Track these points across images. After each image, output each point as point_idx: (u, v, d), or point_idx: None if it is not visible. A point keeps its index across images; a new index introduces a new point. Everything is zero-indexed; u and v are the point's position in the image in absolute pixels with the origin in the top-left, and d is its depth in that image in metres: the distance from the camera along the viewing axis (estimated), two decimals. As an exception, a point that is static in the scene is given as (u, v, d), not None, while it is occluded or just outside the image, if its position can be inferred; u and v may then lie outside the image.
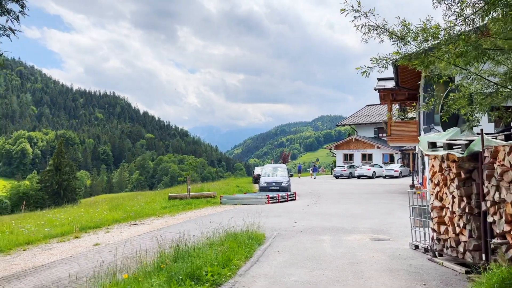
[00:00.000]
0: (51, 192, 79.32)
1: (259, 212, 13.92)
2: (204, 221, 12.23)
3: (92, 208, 16.25)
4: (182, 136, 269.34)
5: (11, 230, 11.63)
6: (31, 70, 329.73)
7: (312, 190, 26.20)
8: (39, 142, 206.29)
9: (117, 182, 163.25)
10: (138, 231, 11.76)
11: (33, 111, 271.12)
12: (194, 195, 19.69)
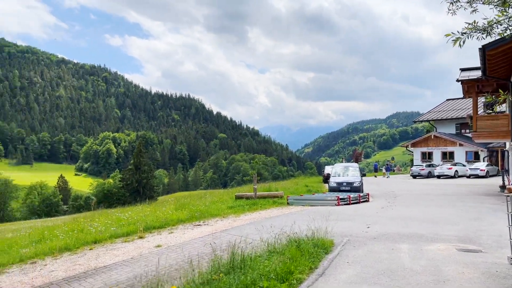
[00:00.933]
0: (132, 190, 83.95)
1: (327, 214, 12.96)
2: (266, 224, 11.58)
3: (159, 207, 16.40)
4: (253, 136, 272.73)
5: (81, 228, 11.91)
6: (114, 76, 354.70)
7: (387, 191, 24.46)
8: (122, 142, 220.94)
9: (193, 180, 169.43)
10: (201, 232, 11.43)
11: (117, 114, 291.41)
12: (261, 195, 19.16)
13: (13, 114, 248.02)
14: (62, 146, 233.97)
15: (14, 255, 9.48)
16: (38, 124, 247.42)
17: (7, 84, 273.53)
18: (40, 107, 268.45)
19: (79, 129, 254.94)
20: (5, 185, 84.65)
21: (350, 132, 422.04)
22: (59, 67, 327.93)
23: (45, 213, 79.06)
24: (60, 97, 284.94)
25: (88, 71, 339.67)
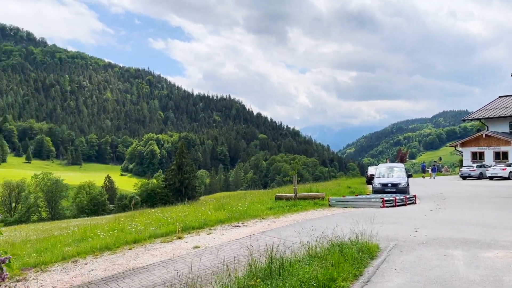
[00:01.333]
0: (174, 190, 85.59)
1: (372, 217, 12.33)
2: (307, 227, 11.15)
3: (199, 207, 16.35)
4: (293, 136, 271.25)
5: (122, 228, 12.00)
6: (158, 79, 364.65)
7: (435, 193, 23.24)
8: (165, 143, 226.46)
9: (233, 180, 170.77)
10: (239, 233, 11.18)
11: (160, 116, 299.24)
12: (301, 196, 18.70)
13: (64, 116, 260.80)
14: (109, 147, 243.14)
15: (57, 253, 9.63)
16: (87, 126, 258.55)
17: (59, 88, 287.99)
18: (88, 109, 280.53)
19: (125, 131, 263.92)
20: (56, 185, 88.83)
21: (394, 132, 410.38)
22: (106, 71, 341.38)
23: (93, 211, 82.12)
24: (107, 100, 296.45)
25: (133, 74, 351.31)
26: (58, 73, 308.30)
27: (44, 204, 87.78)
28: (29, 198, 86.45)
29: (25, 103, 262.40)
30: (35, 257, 9.38)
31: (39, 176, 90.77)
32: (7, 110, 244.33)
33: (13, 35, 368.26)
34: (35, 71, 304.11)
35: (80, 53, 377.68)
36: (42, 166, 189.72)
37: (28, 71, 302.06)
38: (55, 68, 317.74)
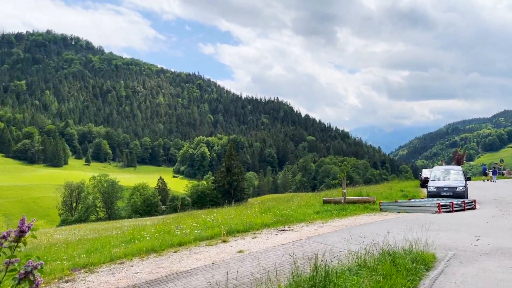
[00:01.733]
0: (223, 192, 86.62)
1: (427, 223, 11.55)
2: (356, 233, 10.61)
3: (245, 210, 16.18)
4: (343, 138, 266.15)
5: (168, 230, 12.08)
6: (208, 83, 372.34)
7: (497, 197, 21.60)
8: (215, 146, 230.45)
9: (282, 183, 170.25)
10: (284, 238, 10.86)
11: (210, 119, 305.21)
12: (350, 199, 18.03)
13: (120, 121, 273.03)
14: (162, 150, 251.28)
15: (105, 255, 9.80)
16: (141, 129, 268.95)
17: (115, 93, 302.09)
18: (142, 114, 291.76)
19: (176, 134, 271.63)
20: (112, 186, 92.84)
21: (450, 132, 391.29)
22: (159, 76, 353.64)
23: (146, 212, 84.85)
24: (159, 104, 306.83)
25: (184, 79, 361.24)
26: (114, 79, 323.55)
27: (101, 205, 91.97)
28: (88, 199, 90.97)
29: (85, 109, 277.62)
30: (84, 258, 9.61)
31: (97, 178, 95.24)
32: (69, 115, 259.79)
33: (74, 45, 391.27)
34: (94, 78, 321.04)
35: (134, 60, 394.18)
36: (100, 168, 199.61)
37: (87, 78, 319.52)
38: (111, 75, 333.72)
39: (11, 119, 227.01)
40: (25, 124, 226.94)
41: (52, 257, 10.38)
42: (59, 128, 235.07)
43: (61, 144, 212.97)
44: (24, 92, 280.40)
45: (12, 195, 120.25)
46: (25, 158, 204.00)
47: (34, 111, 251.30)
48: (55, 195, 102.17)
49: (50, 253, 11.36)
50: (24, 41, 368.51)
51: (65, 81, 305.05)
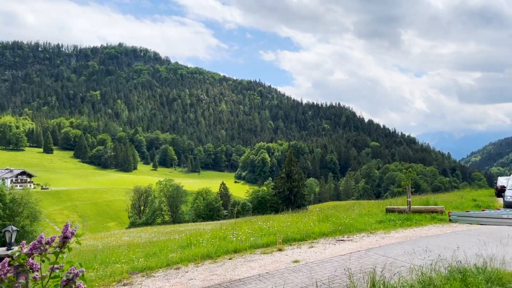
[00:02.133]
0: (283, 198, 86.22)
1: (504, 237, 10.46)
2: (421, 246, 9.83)
3: (302, 217, 15.77)
4: (409, 144, 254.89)
5: (224, 236, 12.05)
6: (268, 89, 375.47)
7: None
8: (275, 152, 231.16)
9: (344, 189, 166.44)
10: (343, 249, 10.35)
11: (271, 125, 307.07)
12: (416, 208, 16.94)
13: (185, 128, 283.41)
14: (224, 155, 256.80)
15: (162, 259, 9.95)
16: (204, 136, 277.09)
17: (180, 102, 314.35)
18: (205, 121, 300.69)
19: (238, 140, 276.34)
20: (177, 191, 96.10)
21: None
22: (221, 84, 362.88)
23: (208, 216, 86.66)
24: (222, 112, 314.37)
25: (245, 86, 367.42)
26: (180, 88, 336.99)
27: (166, 208, 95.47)
28: (154, 202, 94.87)
29: (152, 116, 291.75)
30: (142, 262, 9.82)
31: (163, 182, 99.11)
32: (138, 123, 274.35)
33: (143, 56, 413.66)
34: (161, 87, 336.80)
35: (198, 69, 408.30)
36: (166, 173, 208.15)
37: (155, 87, 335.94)
38: (177, 84, 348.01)
39: (87, 127, 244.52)
40: (99, 132, 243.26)
41: (114, 259, 10.74)
42: (129, 135, 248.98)
43: (130, 150, 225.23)
44: (99, 101, 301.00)
45: (87, 198, 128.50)
46: (98, 163, 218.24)
47: (107, 119, 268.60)
48: (125, 198, 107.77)
49: (113, 255, 11.78)
50: (99, 54, 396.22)
51: (135, 90, 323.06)
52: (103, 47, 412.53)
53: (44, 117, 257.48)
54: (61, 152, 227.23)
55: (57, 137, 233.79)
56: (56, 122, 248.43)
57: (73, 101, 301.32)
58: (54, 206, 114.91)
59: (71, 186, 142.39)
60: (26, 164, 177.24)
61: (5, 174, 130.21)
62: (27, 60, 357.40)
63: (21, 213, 46.43)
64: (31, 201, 47.97)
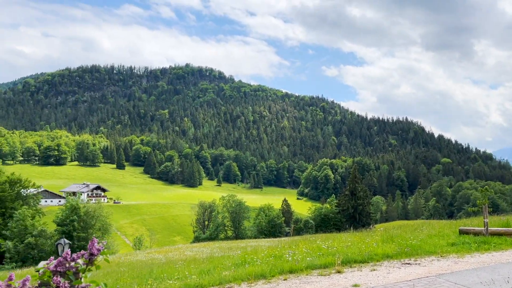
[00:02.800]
0: (347, 216, 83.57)
1: None
2: (501, 273, 8.65)
3: (364, 237, 14.78)
4: (484, 160, 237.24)
5: (280, 254, 11.56)
6: (331, 105, 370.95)
7: None
8: (339, 168, 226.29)
9: (413, 208, 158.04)
10: (409, 273, 9.42)
11: (334, 141, 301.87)
12: (495, 231, 15.24)
13: (248, 144, 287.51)
14: (286, 171, 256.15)
15: (215, 277, 9.69)
16: (267, 152, 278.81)
17: (243, 119, 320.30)
18: (268, 137, 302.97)
19: (300, 156, 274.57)
20: (239, 206, 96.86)
21: None
22: (283, 101, 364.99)
23: (270, 233, 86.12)
24: (284, 128, 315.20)
25: (307, 102, 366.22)
26: (243, 105, 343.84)
27: (229, 224, 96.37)
28: (218, 218, 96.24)
29: (217, 133, 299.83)
30: (195, 279, 9.63)
31: (225, 198, 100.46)
32: (203, 140, 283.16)
33: (208, 75, 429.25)
34: (225, 104, 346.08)
35: (261, 86, 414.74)
36: (229, 189, 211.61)
37: (219, 105, 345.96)
38: (240, 101, 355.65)
39: (156, 144, 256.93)
40: (167, 148, 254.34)
41: (169, 275, 10.67)
42: (195, 152, 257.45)
43: (196, 166, 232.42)
44: (167, 119, 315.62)
45: (155, 212, 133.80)
46: (166, 178, 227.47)
47: (175, 137, 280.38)
48: (190, 213, 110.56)
49: (169, 271, 11.75)
50: (167, 74, 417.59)
51: (201, 108, 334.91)
52: (171, 67, 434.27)
53: (118, 135, 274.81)
54: (132, 168, 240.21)
55: (129, 154, 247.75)
56: (128, 139, 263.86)
57: (143, 119, 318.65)
58: (125, 220, 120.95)
59: (140, 201, 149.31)
60: (101, 179, 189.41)
61: (82, 188, 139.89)
62: (103, 82, 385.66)
63: (93, 226, 49.18)
64: (102, 214, 50.66)
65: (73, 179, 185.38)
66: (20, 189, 60.23)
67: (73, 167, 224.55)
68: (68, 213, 47.32)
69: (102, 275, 14.71)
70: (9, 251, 45.20)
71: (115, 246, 52.17)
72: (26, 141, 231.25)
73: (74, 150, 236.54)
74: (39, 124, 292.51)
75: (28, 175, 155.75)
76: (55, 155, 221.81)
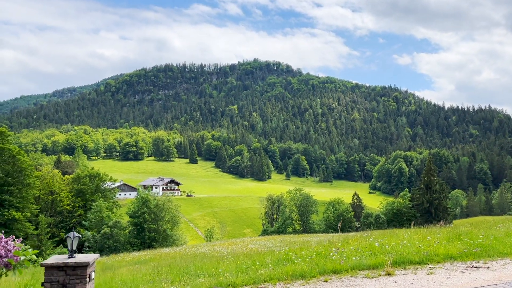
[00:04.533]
0: (422, 211, 79.01)
1: None
2: None
3: (427, 234, 13.13)
4: None
5: (325, 252, 10.55)
6: (405, 94, 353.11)
7: None
8: (414, 161, 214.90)
9: (497, 203, 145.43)
10: (473, 279, 8.00)
11: (408, 132, 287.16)
12: None
13: (316, 137, 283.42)
14: (357, 165, 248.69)
15: (251, 275, 9.01)
16: (336, 145, 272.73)
17: (311, 112, 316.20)
18: (337, 130, 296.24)
19: (372, 149, 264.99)
20: (306, 200, 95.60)
21: None
22: (353, 92, 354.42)
23: (340, 227, 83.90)
24: (354, 120, 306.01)
25: (379, 92, 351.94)
26: (311, 98, 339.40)
27: (297, 218, 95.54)
28: (285, 211, 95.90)
29: (285, 127, 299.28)
30: (228, 276, 9.01)
31: (292, 192, 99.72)
32: (271, 134, 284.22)
33: (276, 69, 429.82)
34: (293, 98, 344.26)
35: (329, 78, 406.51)
36: (298, 182, 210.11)
37: (287, 98, 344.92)
38: (308, 94, 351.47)
39: (226, 139, 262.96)
40: (236, 143, 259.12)
41: (205, 271, 10.19)
42: (264, 146, 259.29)
43: (265, 160, 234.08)
44: (236, 115, 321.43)
45: (226, 205, 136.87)
46: (236, 172, 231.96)
47: (244, 131, 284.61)
48: (259, 206, 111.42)
49: (207, 267, 11.29)
50: (236, 70, 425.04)
51: (269, 103, 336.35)
52: (240, 63, 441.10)
53: (190, 130, 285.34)
54: (204, 162, 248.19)
55: (201, 149, 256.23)
56: (200, 135, 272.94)
57: (214, 115, 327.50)
58: (197, 212, 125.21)
59: (211, 194, 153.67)
60: (175, 174, 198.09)
61: (158, 182, 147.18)
62: (176, 81, 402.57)
63: (163, 218, 51.07)
64: (171, 207, 52.41)
65: (150, 173, 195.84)
66: (99, 183, 64.42)
67: (150, 162, 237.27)
68: (139, 206, 49.64)
69: (150, 268, 14.73)
70: (88, 240, 48.44)
71: (183, 238, 53.85)
72: (108, 138, 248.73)
73: (150, 146, 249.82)
74: (119, 122, 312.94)
75: (109, 170, 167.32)
76: (133, 151, 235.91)
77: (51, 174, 61.53)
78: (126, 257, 33.35)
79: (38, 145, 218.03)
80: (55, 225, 56.69)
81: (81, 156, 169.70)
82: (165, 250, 38.84)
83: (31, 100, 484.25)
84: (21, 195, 47.42)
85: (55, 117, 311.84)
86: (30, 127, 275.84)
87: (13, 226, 45.62)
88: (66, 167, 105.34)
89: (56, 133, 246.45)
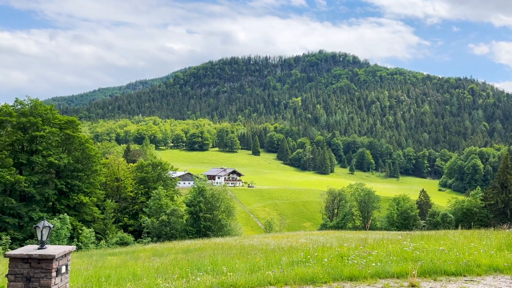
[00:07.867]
0: (496, 211, 73.30)
1: None
2: None
3: (476, 239, 11.45)
4: None
5: (347, 255, 9.52)
6: (482, 87, 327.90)
7: None
8: (490, 158, 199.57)
9: None
10: (513, 300, 6.66)
11: (485, 127, 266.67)
12: None
13: (383, 131, 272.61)
14: (426, 160, 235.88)
15: (258, 277, 8.31)
16: (404, 139, 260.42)
17: (378, 104, 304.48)
18: (406, 123, 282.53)
19: (443, 144, 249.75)
20: (368, 196, 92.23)
21: None
22: (424, 84, 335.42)
23: (403, 225, 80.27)
24: (425, 113, 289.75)
25: (452, 84, 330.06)
26: (378, 90, 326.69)
27: (358, 213, 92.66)
28: (345, 206, 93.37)
29: (350, 120, 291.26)
30: (232, 276, 8.38)
31: (353, 186, 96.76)
32: (335, 127, 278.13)
33: (342, 60, 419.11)
34: (359, 90, 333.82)
35: (398, 69, 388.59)
36: (362, 177, 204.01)
37: (352, 90, 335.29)
38: (375, 86, 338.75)
39: (288, 131, 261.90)
40: (299, 135, 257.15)
41: (219, 267, 9.64)
42: (327, 139, 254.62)
43: (327, 153, 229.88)
44: (300, 107, 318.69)
45: (286, 197, 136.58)
46: (298, 165, 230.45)
47: (307, 124, 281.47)
48: (319, 200, 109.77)
49: (223, 263, 10.75)
50: (300, 62, 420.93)
51: (333, 95, 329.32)
52: (305, 55, 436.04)
53: (253, 122, 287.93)
54: (266, 154, 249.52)
55: (263, 141, 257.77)
56: (263, 127, 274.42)
57: (277, 107, 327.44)
58: (257, 203, 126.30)
59: (272, 186, 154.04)
60: (237, 164, 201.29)
61: (220, 172, 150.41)
62: (241, 73, 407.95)
63: (218, 207, 51.73)
64: (226, 197, 52.94)
65: (214, 163, 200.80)
66: (161, 171, 66.87)
67: (214, 152, 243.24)
68: (196, 195, 50.68)
69: (186, 261, 14.54)
70: (148, 227, 50.44)
71: (238, 229, 54.15)
72: (175, 129, 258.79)
73: (215, 137, 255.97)
74: (186, 114, 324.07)
75: (176, 159, 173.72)
76: (198, 142, 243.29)
77: (116, 162, 64.89)
78: (177, 244, 34.07)
79: (112, 135, 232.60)
80: (119, 210, 59.81)
81: (149, 145, 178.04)
82: (217, 240, 39.18)
83: (108, 92, 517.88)
84: (89, 181, 50.39)
85: (127, 108, 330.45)
86: (105, 117, 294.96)
87: (81, 209, 48.65)
88: (135, 156, 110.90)
89: (128, 123, 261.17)
